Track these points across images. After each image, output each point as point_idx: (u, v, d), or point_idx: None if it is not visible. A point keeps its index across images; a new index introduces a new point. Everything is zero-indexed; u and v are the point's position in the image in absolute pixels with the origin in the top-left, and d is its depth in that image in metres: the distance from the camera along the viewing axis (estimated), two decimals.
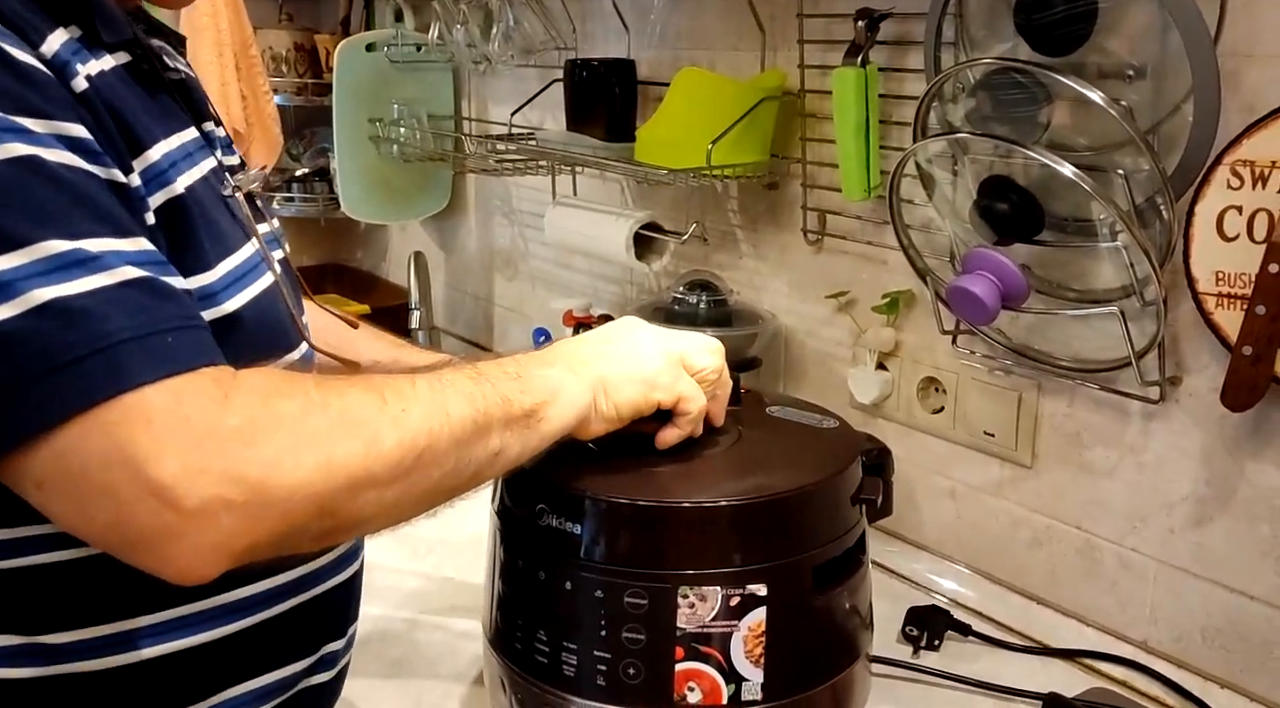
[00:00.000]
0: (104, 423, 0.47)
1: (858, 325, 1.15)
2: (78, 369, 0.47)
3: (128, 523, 0.48)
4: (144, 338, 0.49)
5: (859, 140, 1.04)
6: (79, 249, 0.48)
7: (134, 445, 0.47)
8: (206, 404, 0.49)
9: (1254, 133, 0.77)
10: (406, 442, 0.55)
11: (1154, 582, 0.94)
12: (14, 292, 0.47)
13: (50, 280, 0.47)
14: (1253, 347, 0.77)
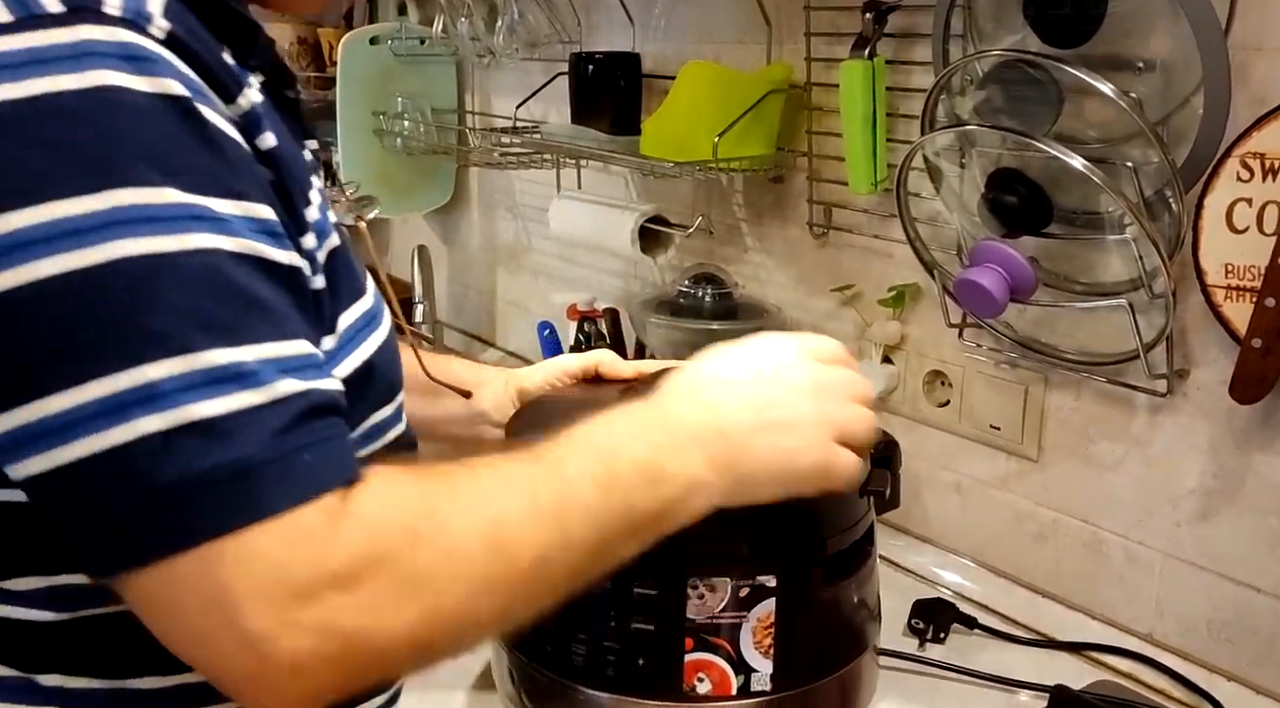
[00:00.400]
0: (207, 562, 0.44)
1: (863, 319, 1.15)
2: (199, 503, 0.44)
3: (219, 667, 0.46)
4: (279, 460, 0.46)
5: (866, 133, 1.04)
6: (239, 363, 0.45)
7: (232, 592, 0.45)
8: (312, 544, 0.46)
9: (1264, 125, 0.77)
10: (515, 582, 0.51)
11: (1160, 575, 0.94)
12: (165, 404, 0.43)
13: (202, 396, 0.44)
14: (1262, 339, 0.77)
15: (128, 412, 0.43)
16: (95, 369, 0.43)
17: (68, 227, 0.43)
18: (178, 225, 0.45)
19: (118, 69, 0.45)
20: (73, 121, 0.44)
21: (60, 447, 0.44)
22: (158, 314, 0.44)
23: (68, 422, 0.43)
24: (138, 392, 0.43)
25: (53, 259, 0.43)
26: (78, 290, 0.43)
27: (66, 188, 0.43)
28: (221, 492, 0.44)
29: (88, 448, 0.43)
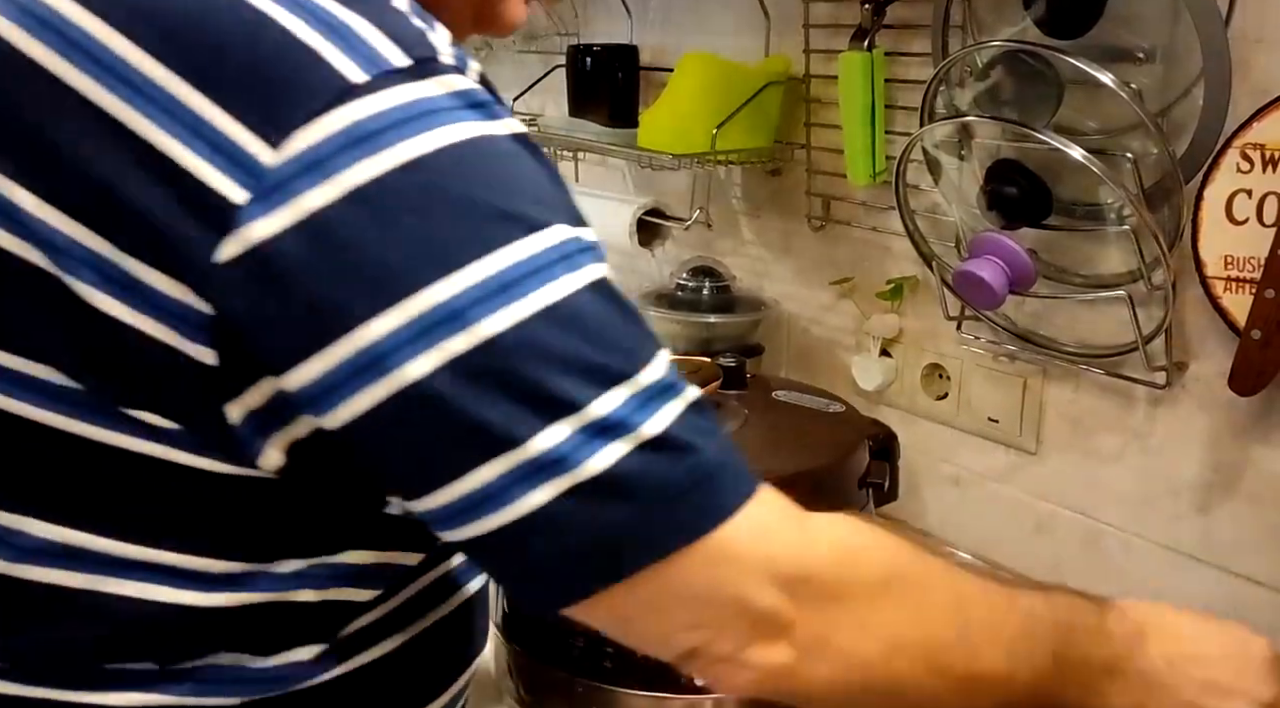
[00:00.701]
0: (704, 558, 0.46)
1: (861, 312, 1.15)
2: (684, 503, 0.46)
3: (706, 652, 0.48)
4: (726, 460, 0.47)
5: (864, 125, 1.03)
6: (663, 377, 0.47)
7: (733, 583, 0.47)
8: (794, 542, 0.49)
9: (1264, 116, 0.77)
10: (962, 680, 0.52)
11: (1159, 567, 0.94)
12: (625, 429, 0.45)
13: (651, 411, 0.45)
14: (1261, 331, 0.77)
15: (601, 440, 0.44)
16: (555, 414, 0.44)
17: (497, 283, 0.43)
18: (577, 260, 0.45)
19: (474, 119, 0.44)
20: (463, 179, 0.43)
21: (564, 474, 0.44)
22: (595, 346, 0.45)
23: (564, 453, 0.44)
24: (603, 422, 0.44)
25: (494, 316, 0.43)
26: (527, 341, 0.43)
27: (478, 248, 0.43)
28: (696, 495, 0.46)
29: (584, 474, 0.44)
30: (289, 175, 0.41)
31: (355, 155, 0.41)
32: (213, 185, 0.41)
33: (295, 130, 0.41)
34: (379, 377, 0.42)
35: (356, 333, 0.42)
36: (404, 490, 0.46)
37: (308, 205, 0.41)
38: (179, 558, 0.48)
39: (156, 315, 0.43)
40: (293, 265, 0.41)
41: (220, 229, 0.41)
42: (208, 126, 0.41)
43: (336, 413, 0.43)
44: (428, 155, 0.43)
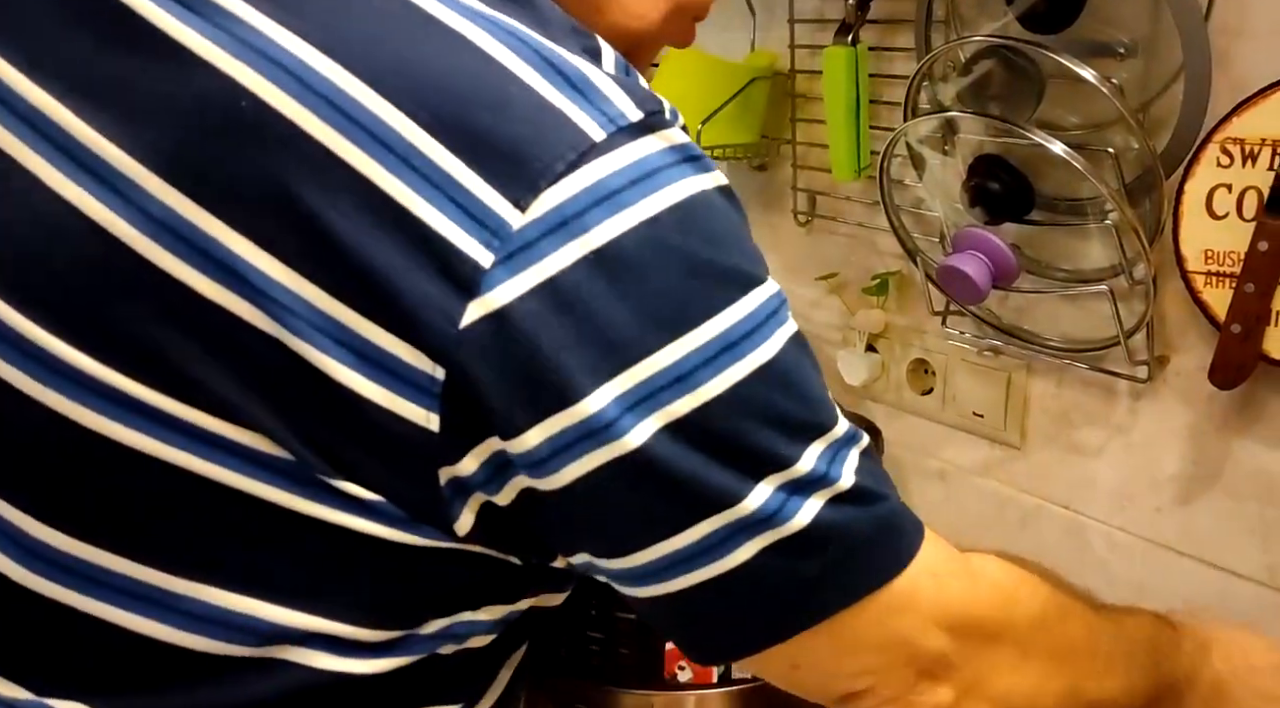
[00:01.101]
0: (885, 606, 0.48)
1: (847, 307, 1.15)
2: (871, 552, 0.48)
3: (872, 695, 0.50)
4: (902, 507, 0.49)
5: (849, 120, 1.03)
6: (848, 428, 0.48)
7: (909, 629, 0.49)
8: (961, 587, 0.51)
9: (1244, 110, 0.77)
10: (1092, 699, 0.55)
11: (1142, 561, 0.94)
12: (826, 483, 0.46)
13: (841, 462, 0.47)
14: (1241, 325, 0.78)
15: (803, 495, 0.46)
16: (766, 472, 0.45)
17: (721, 344, 0.43)
18: (782, 315, 0.47)
19: (695, 174, 0.44)
20: (691, 236, 0.43)
21: (770, 530, 0.45)
22: (800, 402, 0.46)
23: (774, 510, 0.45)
24: (807, 477, 0.46)
25: (716, 378, 0.43)
26: (745, 400, 0.44)
27: (705, 310, 0.44)
28: (884, 540, 0.48)
29: (789, 530, 0.45)
30: (535, 237, 0.41)
31: (599, 216, 0.41)
32: (462, 248, 0.40)
33: (542, 192, 0.41)
34: (603, 443, 0.42)
35: (589, 399, 0.42)
36: (606, 551, 0.46)
37: (552, 267, 0.41)
38: (345, 629, 0.47)
39: (386, 382, 0.42)
40: (533, 327, 0.41)
41: (468, 292, 0.40)
42: (459, 189, 0.40)
43: (558, 476, 0.43)
44: (662, 212, 0.43)
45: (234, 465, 0.43)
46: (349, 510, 0.44)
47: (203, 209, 0.41)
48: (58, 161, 0.43)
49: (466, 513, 0.45)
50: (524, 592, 0.52)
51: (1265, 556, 0.86)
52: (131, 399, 0.43)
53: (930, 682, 0.50)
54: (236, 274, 0.41)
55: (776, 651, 0.48)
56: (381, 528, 0.45)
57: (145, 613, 0.45)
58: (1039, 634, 0.53)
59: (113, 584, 0.45)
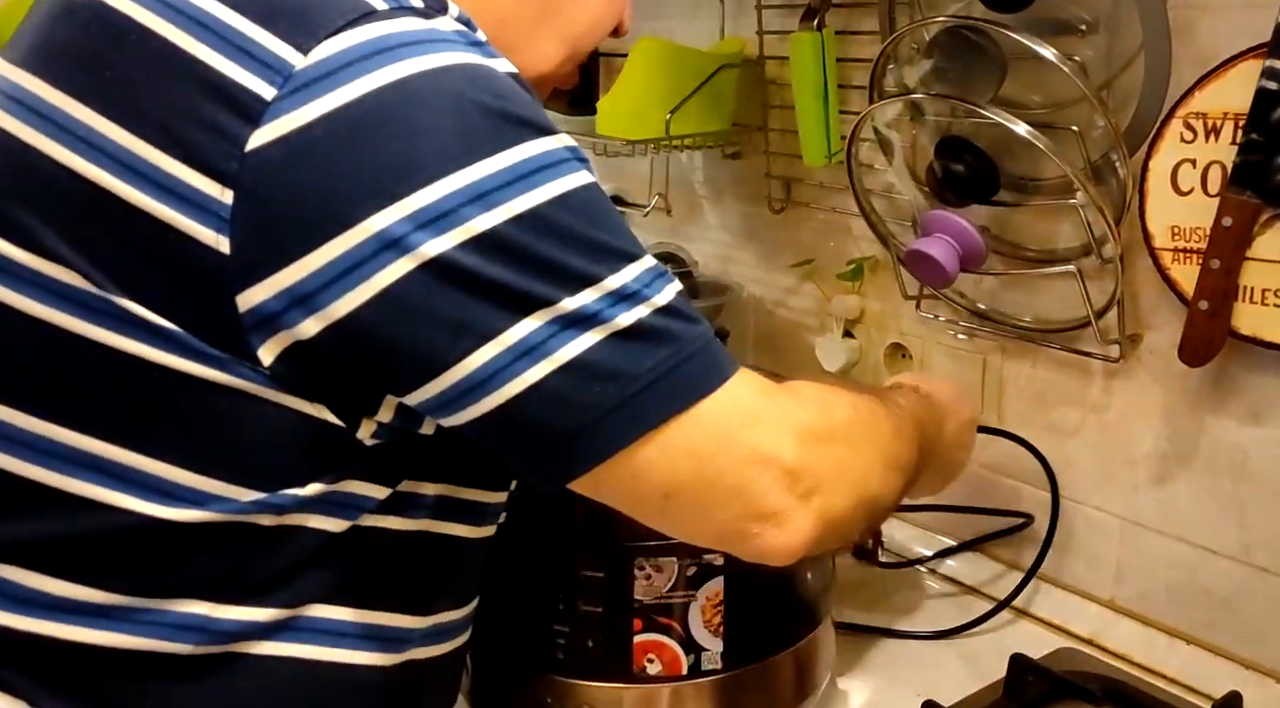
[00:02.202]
0: (726, 417, 0.52)
1: (823, 293, 1.14)
2: (697, 362, 0.52)
3: (755, 512, 0.54)
4: (713, 335, 0.54)
5: (817, 105, 1.03)
6: (655, 264, 0.53)
7: (762, 441, 0.53)
8: (780, 397, 0.56)
9: (1205, 85, 0.76)
10: (905, 475, 0.65)
11: (1119, 540, 0.94)
12: (642, 298, 0.51)
13: (658, 288, 0.52)
14: (1208, 301, 0.77)
15: (624, 304, 0.50)
16: (593, 276, 0.49)
17: (514, 174, 0.48)
18: (576, 164, 0.51)
19: (484, 56, 0.51)
20: (478, 88, 0.49)
21: (559, 348, 0.49)
22: (606, 231, 0.51)
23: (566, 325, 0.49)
24: (622, 290, 0.50)
25: (537, 190, 0.48)
26: (569, 212, 0.49)
27: (496, 145, 0.48)
28: (702, 358, 0.52)
29: (580, 345, 0.49)
30: (319, 75, 0.46)
31: (377, 63, 0.47)
32: (248, 86, 0.46)
33: (324, 39, 0.47)
34: (394, 259, 0.46)
35: (373, 218, 0.46)
36: (411, 377, 0.49)
37: (336, 100, 0.46)
38: (162, 469, 0.49)
39: (178, 205, 0.46)
40: (318, 153, 0.46)
41: (252, 122, 0.46)
42: (248, 41, 0.47)
43: (353, 295, 0.46)
44: (451, 66, 0.48)
45: (42, 298, 0.48)
46: (153, 342, 0.48)
47: (43, 81, 0.49)
48: None
49: (270, 347, 0.48)
50: (343, 470, 0.53)
51: (1241, 532, 0.85)
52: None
53: (797, 489, 0.54)
54: (51, 119, 0.48)
55: (620, 464, 0.51)
56: (187, 363, 0.48)
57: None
58: (856, 429, 0.61)
59: None
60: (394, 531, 0.56)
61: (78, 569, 0.50)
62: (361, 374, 0.50)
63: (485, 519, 0.62)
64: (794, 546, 0.55)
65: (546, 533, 0.71)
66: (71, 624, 0.50)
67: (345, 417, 0.51)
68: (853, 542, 0.66)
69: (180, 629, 0.51)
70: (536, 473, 0.53)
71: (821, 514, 0.55)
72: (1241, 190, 0.74)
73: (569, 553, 0.70)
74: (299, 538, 0.53)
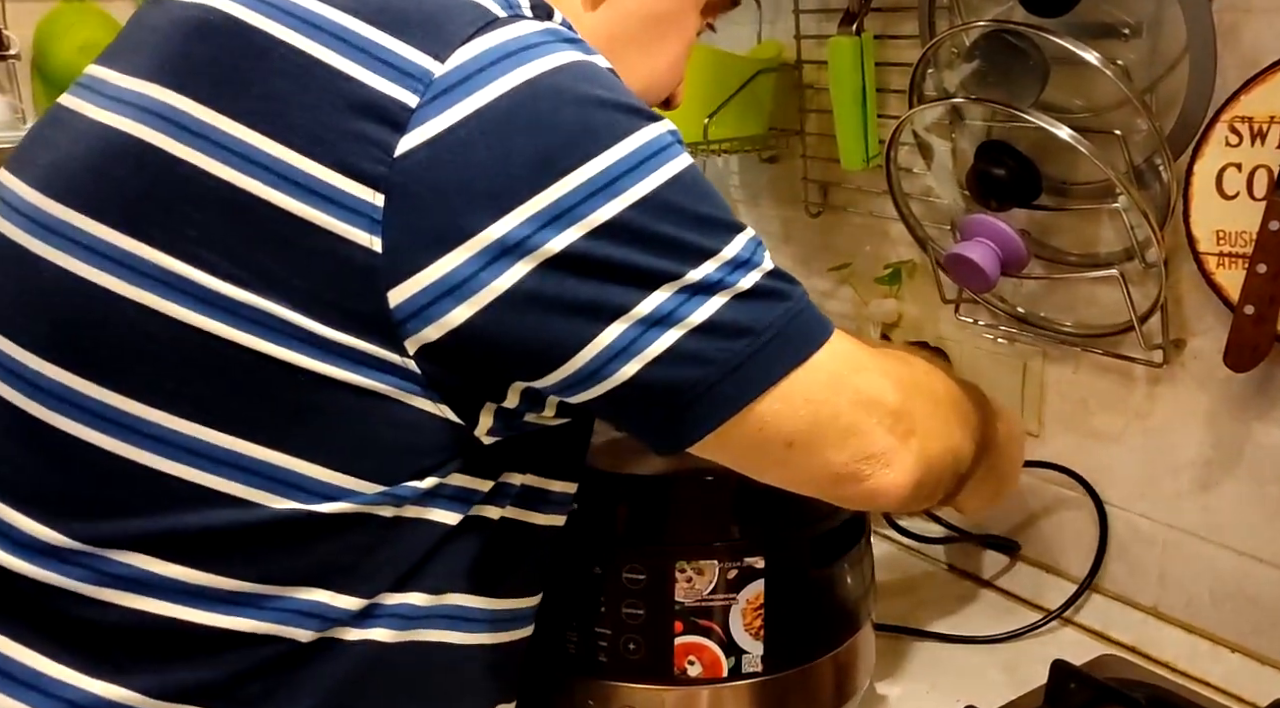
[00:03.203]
0: (836, 367, 0.56)
1: (860, 297, 1.14)
2: (805, 319, 0.56)
3: (866, 452, 0.58)
4: (807, 297, 0.58)
5: (856, 110, 1.03)
6: (755, 235, 0.56)
7: (867, 386, 0.58)
8: (872, 349, 0.60)
9: (1252, 88, 0.75)
10: (974, 442, 0.69)
11: (1163, 547, 0.93)
12: (754, 264, 0.54)
13: (761, 255, 0.55)
14: (1255, 306, 0.76)
15: (741, 271, 0.54)
16: (711, 250, 0.53)
17: (651, 149, 0.52)
18: (682, 147, 0.55)
19: (585, 52, 0.55)
20: (591, 84, 0.53)
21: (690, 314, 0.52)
22: (718, 202, 0.55)
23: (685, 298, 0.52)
24: (736, 258, 0.54)
25: (655, 173, 0.52)
26: (682, 191, 0.53)
27: (630, 126, 0.53)
28: (806, 317, 0.56)
29: (709, 309, 0.53)
30: (458, 80, 0.50)
31: (506, 66, 0.51)
32: (393, 96, 0.49)
33: (458, 47, 0.50)
34: (524, 255, 0.50)
35: (506, 218, 0.49)
36: (547, 362, 0.52)
37: (477, 102, 0.50)
38: (297, 464, 0.52)
39: (332, 210, 0.49)
40: (462, 153, 0.49)
41: (400, 128, 0.49)
42: (388, 53, 0.50)
43: (489, 289, 0.50)
44: (566, 64, 0.52)
45: (189, 304, 0.50)
46: (298, 347, 0.50)
47: (186, 97, 0.52)
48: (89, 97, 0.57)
49: (419, 338, 0.51)
50: (454, 464, 0.55)
51: None
52: (123, 252, 0.51)
53: (901, 431, 0.59)
54: (199, 134, 0.51)
55: (747, 419, 0.54)
56: (329, 366, 0.51)
57: (121, 437, 0.52)
58: (936, 384, 0.66)
59: (91, 410, 0.52)
60: (490, 519, 0.59)
61: (211, 559, 0.52)
62: (498, 360, 0.53)
63: (561, 508, 0.64)
64: (901, 483, 0.59)
65: (589, 536, 0.71)
66: (201, 610, 0.52)
67: (466, 415, 0.54)
68: (938, 500, 0.68)
69: (301, 615, 0.53)
70: (664, 435, 0.56)
71: (921, 454, 0.60)
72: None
73: (611, 556, 0.71)
74: (415, 529, 0.55)
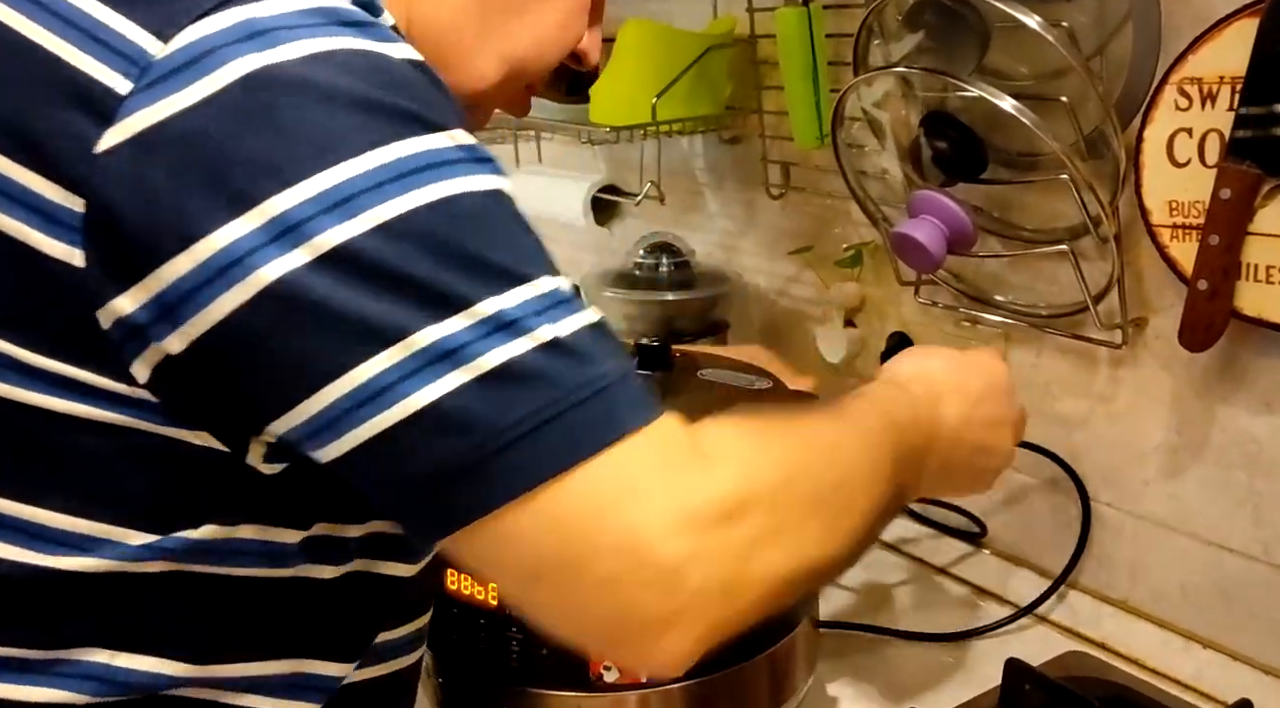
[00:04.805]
0: (603, 488, 0.43)
1: (823, 281, 1.10)
2: (579, 416, 0.43)
3: (626, 617, 0.43)
4: (625, 378, 0.45)
5: (806, 84, 0.98)
6: (558, 288, 0.45)
7: (638, 525, 0.43)
8: (686, 462, 0.45)
9: (1199, 47, 0.70)
10: (857, 529, 0.52)
11: (1132, 538, 0.88)
12: (523, 329, 0.43)
13: (550, 318, 0.43)
14: (1208, 281, 0.71)
15: (498, 337, 0.42)
16: (448, 309, 0.42)
17: (414, 165, 0.43)
18: (475, 167, 0.45)
19: (358, 36, 0.44)
20: (351, 77, 0.43)
21: (412, 392, 0.42)
22: (507, 244, 0.44)
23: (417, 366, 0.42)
24: (499, 318, 0.42)
25: (410, 194, 0.42)
26: (448, 220, 0.43)
27: (393, 134, 0.43)
28: (593, 406, 0.43)
29: (436, 389, 0.42)
30: (178, 65, 0.42)
31: (240, 50, 0.42)
32: (100, 79, 0.42)
33: (186, 25, 0.42)
34: (239, 279, 0.41)
35: (218, 232, 0.41)
36: (275, 404, 0.43)
37: (195, 95, 0.41)
38: (36, 512, 0.46)
39: (31, 219, 0.42)
40: (169, 152, 0.41)
41: (105, 119, 0.41)
42: (101, 27, 0.42)
43: (207, 314, 0.42)
44: (323, 53, 0.43)
45: None
46: (16, 380, 0.44)
47: None
48: None
49: (142, 363, 0.44)
50: (240, 509, 0.48)
51: (1257, 530, 0.79)
52: None
53: (675, 594, 0.43)
54: None
55: (484, 532, 0.42)
56: (56, 399, 0.44)
57: None
58: (785, 493, 0.48)
59: None
60: (324, 580, 0.52)
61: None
62: (223, 400, 0.45)
63: (419, 556, 0.57)
64: (680, 655, 0.45)
65: None
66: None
67: (231, 442, 0.46)
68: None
69: (82, 679, 0.48)
70: (407, 528, 0.48)
71: (711, 625, 0.45)
72: (1240, 160, 0.69)
73: None
74: (206, 586, 0.48)
